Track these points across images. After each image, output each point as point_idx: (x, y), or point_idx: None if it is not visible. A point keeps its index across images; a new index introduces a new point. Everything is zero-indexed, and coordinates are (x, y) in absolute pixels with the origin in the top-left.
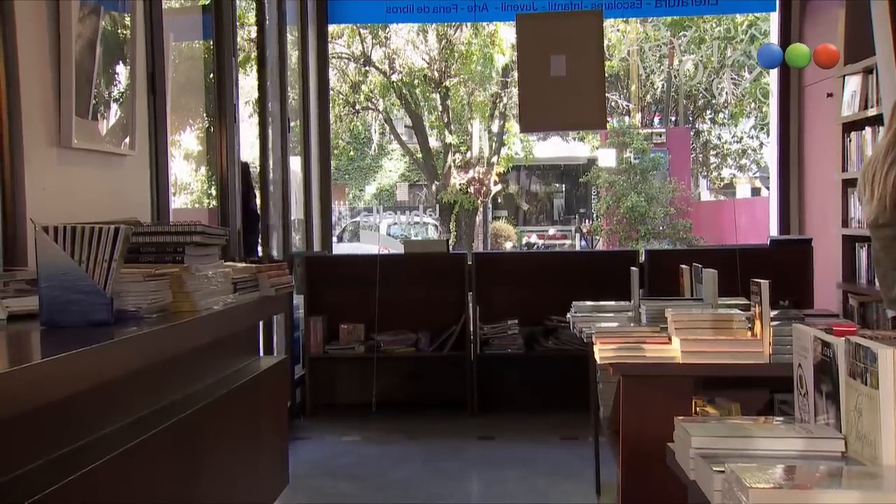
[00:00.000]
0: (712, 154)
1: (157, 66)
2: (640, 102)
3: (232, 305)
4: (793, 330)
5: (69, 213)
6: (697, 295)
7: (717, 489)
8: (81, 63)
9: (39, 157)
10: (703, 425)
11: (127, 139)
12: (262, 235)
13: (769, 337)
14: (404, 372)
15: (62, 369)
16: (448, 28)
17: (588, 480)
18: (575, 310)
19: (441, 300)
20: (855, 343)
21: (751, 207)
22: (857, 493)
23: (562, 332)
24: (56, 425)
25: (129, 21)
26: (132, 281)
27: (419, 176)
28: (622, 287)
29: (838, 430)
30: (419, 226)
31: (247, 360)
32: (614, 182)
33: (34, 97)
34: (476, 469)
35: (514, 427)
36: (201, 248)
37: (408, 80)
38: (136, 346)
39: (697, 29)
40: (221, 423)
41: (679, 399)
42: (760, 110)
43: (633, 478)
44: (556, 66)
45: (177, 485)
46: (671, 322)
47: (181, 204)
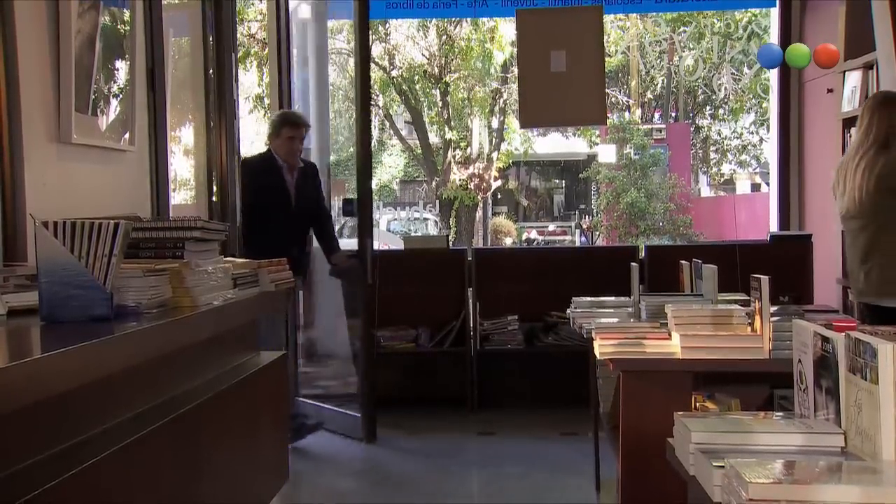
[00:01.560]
0: (712, 150)
1: (156, 61)
2: (640, 98)
3: (232, 301)
4: (793, 325)
5: (69, 208)
6: (697, 290)
7: (717, 484)
8: (81, 59)
9: (39, 153)
10: (702, 420)
11: (127, 135)
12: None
13: (769, 332)
14: (404, 368)
15: (62, 364)
16: (448, 24)
17: (588, 476)
18: (575, 305)
19: (441, 296)
20: (855, 338)
21: (751, 203)
22: (856, 488)
23: (562, 328)
24: (56, 420)
25: (128, 17)
26: (132, 276)
27: (419, 172)
28: (622, 283)
29: (838, 426)
30: (419, 222)
31: (247, 356)
32: (614, 178)
33: (34, 93)
34: (476, 465)
35: (514, 423)
36: (201, 243)
37: (408, 75)
38: (135, 341)
39: (697, 25)
40: (221, 419)
41: (679, 394)
42: (760, 106)
43: (633, 473)
44: (556, 62)
45: (176, 480)
46: (671, 318)
47: (181, 200)
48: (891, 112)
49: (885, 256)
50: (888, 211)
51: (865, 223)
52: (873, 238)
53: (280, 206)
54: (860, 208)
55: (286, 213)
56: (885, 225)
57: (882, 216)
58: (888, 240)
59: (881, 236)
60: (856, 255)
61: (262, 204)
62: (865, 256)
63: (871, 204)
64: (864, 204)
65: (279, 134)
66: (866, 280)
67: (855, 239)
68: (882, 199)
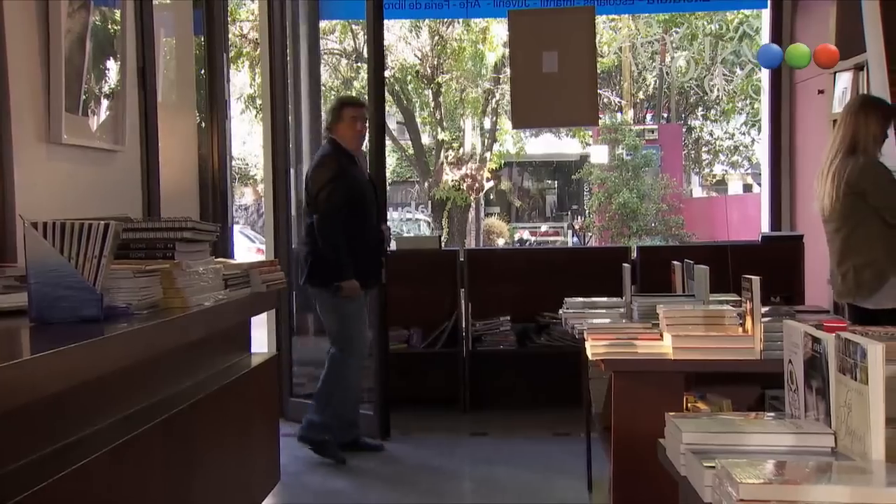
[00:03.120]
0: (704, 150)
1: (147, 61)
2: (632, 99)
3: (223, 302)
4: (783, 326)
5: (59, 209)
6: (689, 291)
7: (708, 484)
8: (71, 58)
9: (29, 154)
10: (693, 421)
11: (117, 135)
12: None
13: (760, 333)
14: (396, 368)
15: (51, 366)
16: (440, 24)
17: (580, 476)
18: (567, 306)
19: (433, 297)
20: (844, 339)
21: (742, 204)
22: (846, 488)
23: (554, 329)
24: (46, 422)
25: (119, 16)
26: (122, 277)
27: (411, 172)
28: (614, 283)
29: (828, 426)
30: (411, 222)
31: (238, 357)
32: (606, 178)
33: (23, 93)
34: (468, 465)
35: (506, 423)
36: (192, 243)
37: (400, 76)
38: (126, 342)
39: (689, 25)
40: (212, 420)
41: (670, 395)
42: (752, 107)
43: (625, 474)
44: (548, 63)
45: (168, 481)
46: (663, 318)
47: (172, 200)
48: (862, 117)
49: (858, 258)
50: (857, 214)
51: (839, 226)
52: (846, 241)
53: (369, 203)
54: (832, 213)
55: (370, 210)
56: (856, 228)
57: (853, 219)
58: (859, 243)
59: (853, 240)
60: (834, 258)
61: (358, 202)
62: (841, 259)
63: (841, 208)
64: (835, 208)
65: (341, 116)
66: (843, 282)
67: (832, 242)
68: (851, 203)
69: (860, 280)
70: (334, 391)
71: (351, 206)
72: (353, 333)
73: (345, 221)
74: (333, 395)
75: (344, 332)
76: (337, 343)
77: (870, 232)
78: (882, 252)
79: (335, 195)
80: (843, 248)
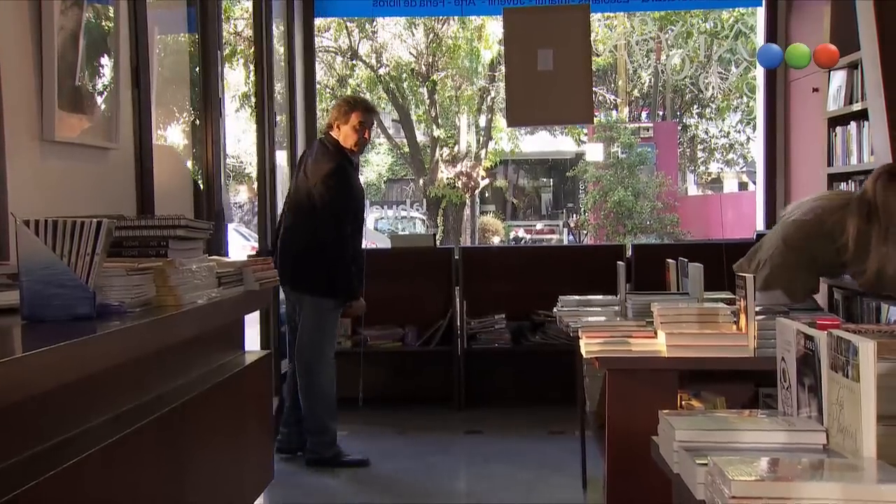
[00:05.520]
0: (699, 148)
1: (141, 58)
2: (628, 97)
3: (216, 300)
4: (776, 324)
5: (52, 207)
6: (683, 289)
7: (701, 482)
8: (64, 56)
9: (22, 151)
10: (686, 418)
11: (111, 133)
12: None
13: (754, 331)
14: (391, 367)
15: (44, 363)
16: (436, 22)
17: (574, 474)
18: (562, 304)
19: (428, 295)
20: (837, 336)
21: (737, 202)
22: (838, 485)
23: (549, 327)
24: (39, 420)
25: (112, 13)
26: (115, 275)
27: (406, 170)
28: (609, 281)
29: (820, 423)
30: (406, 220)
31: (231, 355)
32: (601, 177)
33: (16, 90)
34: (463, 463)
35: (501, 421)
36: (185, 241)
37: (395, 73)
38: (119, 340)
39: (684, 23)
40: (206, 418)
41: (664, 393)
42: (747, 105)
43: (619, 471)
44: (543, 61)
45: (161, 479)
46: (657, 316)
47: (166, 198)
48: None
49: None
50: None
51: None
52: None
53: (362, 209)
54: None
55: (362, 216)
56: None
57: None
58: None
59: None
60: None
61: (358, 207)
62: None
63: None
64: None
65: (348, 119)
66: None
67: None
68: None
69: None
70: (315, 403)
71: (353, 214)
72: (326, 349)
73: (348, 236)
74: (317, 407)
75: (317, 345)
76: (305, 354)
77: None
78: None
79: (348, 205)
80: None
